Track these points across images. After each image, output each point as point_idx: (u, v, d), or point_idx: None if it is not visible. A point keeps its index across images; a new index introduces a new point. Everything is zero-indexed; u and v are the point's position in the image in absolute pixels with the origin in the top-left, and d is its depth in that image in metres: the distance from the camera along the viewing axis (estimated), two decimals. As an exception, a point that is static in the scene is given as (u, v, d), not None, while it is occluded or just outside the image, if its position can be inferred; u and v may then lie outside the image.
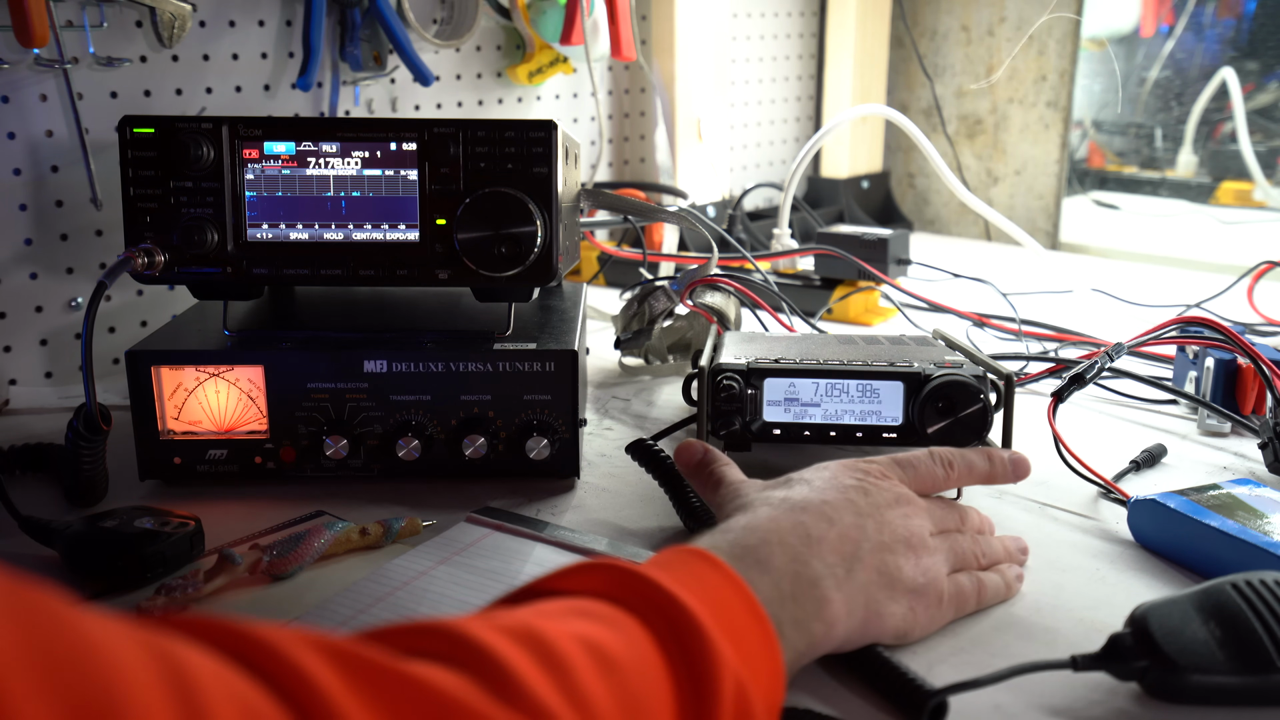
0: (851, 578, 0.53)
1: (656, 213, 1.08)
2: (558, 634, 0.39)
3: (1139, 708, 0.51)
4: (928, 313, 1.23)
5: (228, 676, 0.29)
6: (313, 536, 0.67)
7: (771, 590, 0.50)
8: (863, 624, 0.53)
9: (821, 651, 0.52)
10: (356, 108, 1.20)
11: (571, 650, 0.39)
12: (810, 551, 0.53)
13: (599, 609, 0.43)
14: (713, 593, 0.46)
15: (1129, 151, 1.71)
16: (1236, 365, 0.88)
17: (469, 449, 0.76)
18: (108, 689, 0.25)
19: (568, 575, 0.46)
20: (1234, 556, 0.61)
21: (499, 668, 0.36)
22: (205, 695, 0.27)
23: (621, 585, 0.44)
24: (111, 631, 0.27)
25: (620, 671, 0.39)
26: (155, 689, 0.26)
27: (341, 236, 0.76)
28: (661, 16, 1.51)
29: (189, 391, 0.76)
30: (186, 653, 0.28)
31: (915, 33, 1.79)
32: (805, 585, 0.51)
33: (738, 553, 0.51)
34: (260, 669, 0.31)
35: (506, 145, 0.74)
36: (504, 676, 0.35)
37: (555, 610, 0.43)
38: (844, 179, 1.74)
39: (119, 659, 0.26)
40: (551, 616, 0.42)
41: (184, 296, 0.90)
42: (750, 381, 0.75)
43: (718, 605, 0.45)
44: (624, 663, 0.40)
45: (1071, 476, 0.78)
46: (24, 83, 0.96)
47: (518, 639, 0.38)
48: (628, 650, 0.41)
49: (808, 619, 0.50)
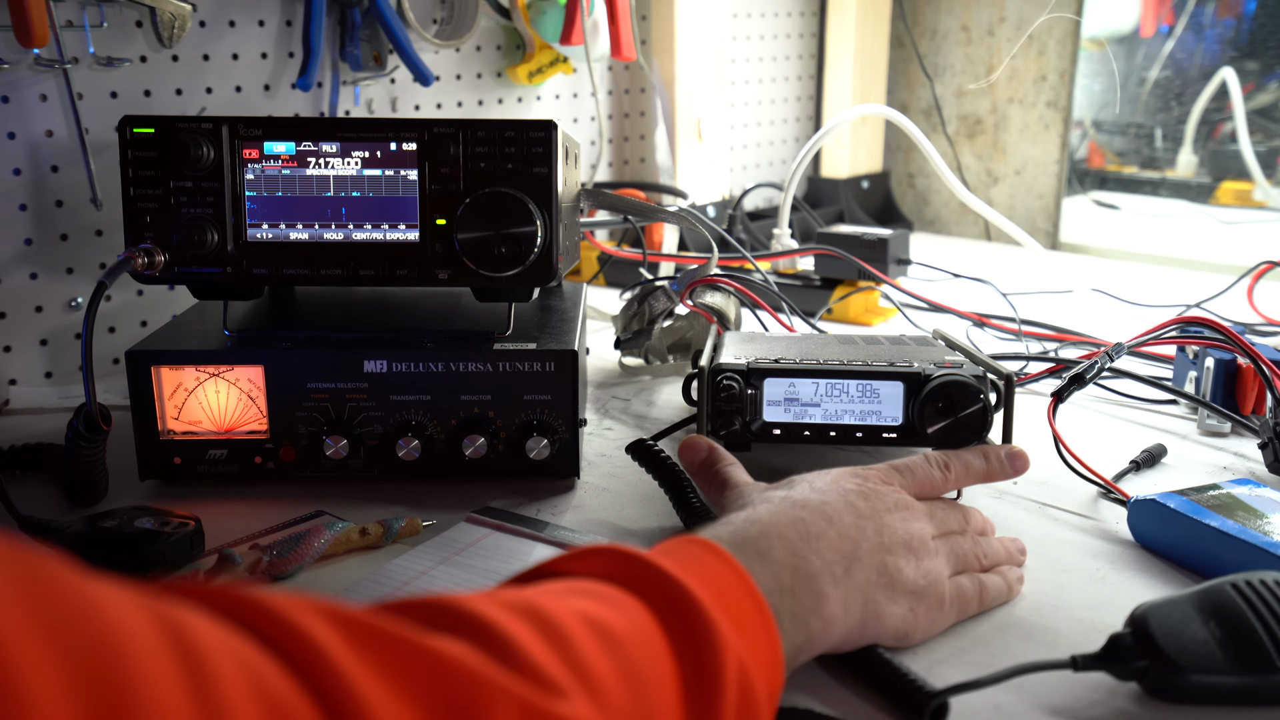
0: (850, 577, 0.53)
1: (656, 213, 1.08)
2: (560, 610, 0.39)
3: (1139, 708, 0.51)
4: (928, 313, 1.23)
5: (233, 642, 0.29)
6: (313, 536, 0.67)
7: (771, 581, 0.50)
8: (861, 624, 0.53)
9: (819, 649, 0.52)
10: (356, 108, 1.20)
11: (573, 624, 0.39)
12: (809, 548, 0.53)
13: (601, 589, 0.43)
14: (714, 577, 0.46)
15: (1129, 151, 1.71)
16: (1236, 365, 0.88)
17: (469, 449, 0.76)
18: (113, 650, 0.25)
19: (571, 559, 0.46)
20: (1234, 556, 0.61)
21: (502, 638, 0.36)
22: (211, 660, 0.27)
23: (623, 568, 0.45)
24: (117, 596, 0.27)
25: (623, 647, 0.40)
26: (161, 652, 0.26)
27: (341, 236, 0.76)
28: (661, 16, 1.51)
29: (189, 391, 0.76)
30: (192, 618, 0.28)
31: (915, 33, 1.79)
32: (804, 580, 0.51)
33: (738, 542, 0.51)
34: (266, 635, 0.31)
35: (506, 145, 0.74)
36: (507, 646, 0.36)
37: (558, 589, 0.43)
38: (844, 179, 1.74)
39: (125, 623, 0.26)
40: (554, 595, 0.42)
41: (184, 296, 0.90)
42: (750, 381, 0.75)
43: (719, 589, 0.46)
44: (626, 639, 0.40)
45: (1071, 476, 0.78)
46: (24, 83, 0.96)
47: (520, 613, 0.38)
48: (630, 628, 0.41)
49: (805, 614, 0.50)
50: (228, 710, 0.27)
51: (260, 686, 0.28)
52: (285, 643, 0.30)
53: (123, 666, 0.25)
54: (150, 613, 0.27)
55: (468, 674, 0.33)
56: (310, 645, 0.31)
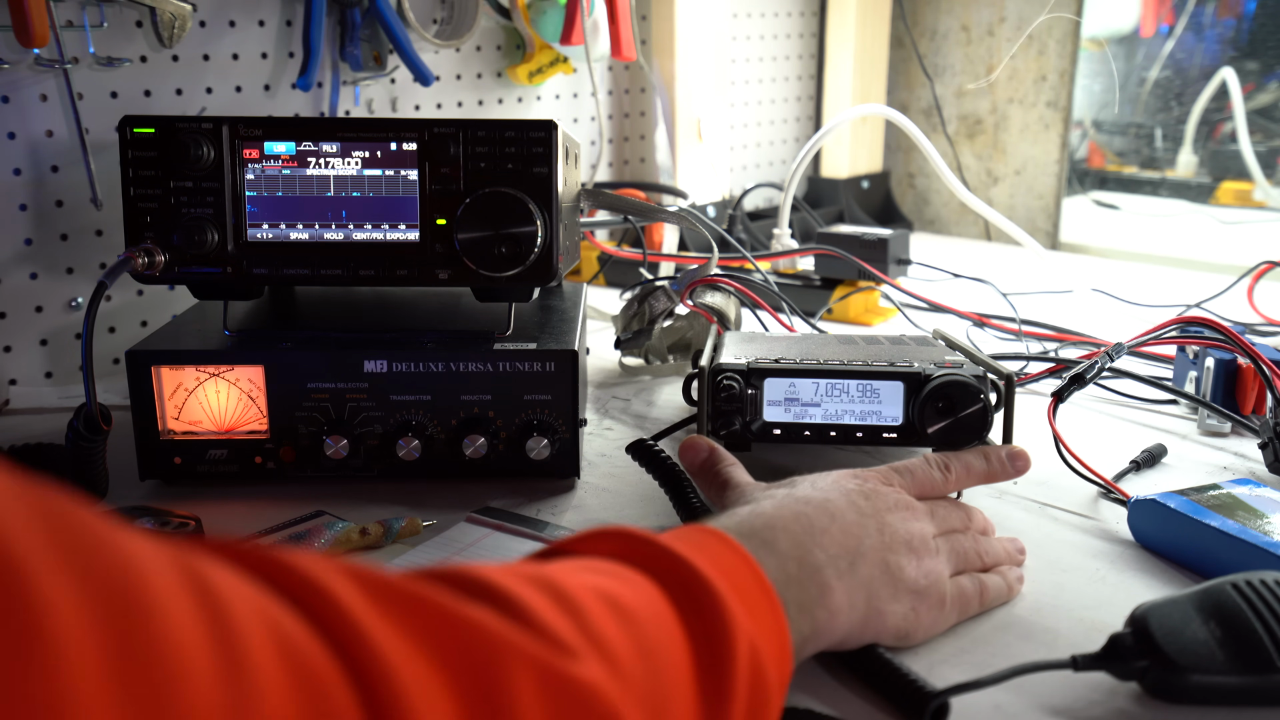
0: (854, 571, 0.53)
1: (656, 213, 1.08)
2: (573, 583, 0.40)
3: (1139, 708, 0.51)
4: (928, 313, 1.23)
5: (253, 594, 0.29)
6: (313, 536, 0.67)
7: (777, 570, 0.49)
8: (864, 620, 0.53)
9: (824, 642, 0.52)
10: (356, 108, 1.20)
11: (586, 596, 0.39)
12: (813, 541, 0.53)
13: (613, 567, 0.43)
14: (723, 561, 0.46)
15: (1129, 151, 1.71)
16: (1236, 365, 0.88)
17: (469, 449, 0.76)
18: (132, 578, 0.25)
19: (581, 539, 0.46)
20: (1234, 556, 0.61)
21: (518, 603, 0.36)
22: (229, 602, 0.27)
23: (634, 549, 0.45)
24: (137, 536, 0.26)
25: (635, 620, 0.40)
26: (179, 587, 0.26)
27: (341, 236, 0.76)
28: (661, 16, 1.51)
29: (189, 391, 0.76)
30: (212, 566, 0.28)
31: (915, 33, 1.79)
32: (809, 571, 0.51)
33: (744, 532, 0.51)
34: (285, 588, 0.30)
35: (506, 145, 0.74)
36: (524, 611, 0.36)
37: (571, 566, 0.43)
38: (844, 179, 1.74)
39: (144, 557, 0.26)
40: (567, 570, 0.42)
41: (184, 296, 0.90)
42: (750, 381, 0.75)
43: (729, 573, 0.45)
44: (638, 613, 0.40)
45: (1071, 476, 0.78)
46: (24, 83, 0.96)
47: (534, 583, 0.38)
48: (641, 603, 0.41)
49: (811, 604, 0.50)
50: (244, 647, 0.27)
51: (277, 632, 0.28)
52: (305, 597, 0.30)
53: (141, 594, 0.25)
54: (169, 553, 0.27)
55: (486, 634, 0.34)
56: (330, 600, 0.31)
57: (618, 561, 0.44)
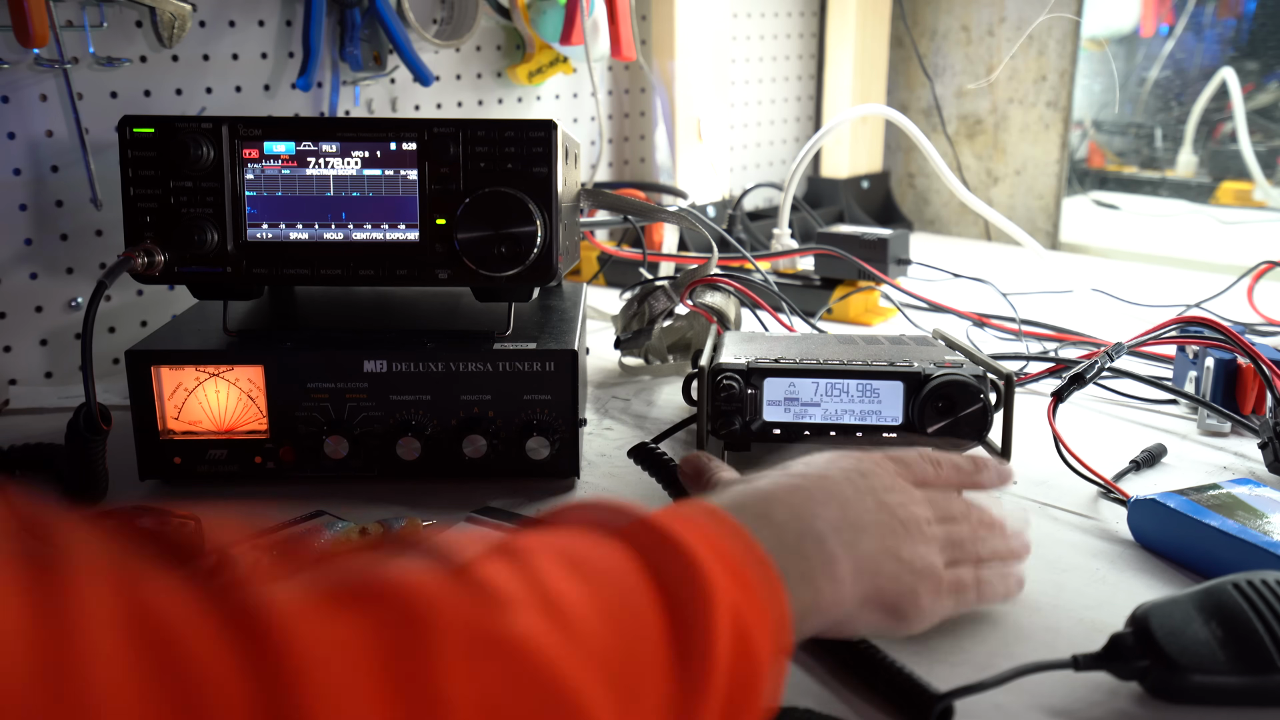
0: (858, 543, 0.51)
1: (656, 213, 1.08)
2: (529, 541, 0.40)
3: (1140, 708, 0.51)
4: (928, 313, 1.23)
5: (113, 562, 0.29)
6: (312, 536, 0.67)
7: (773, 540, 0.48)
8: (864, 597, 0.51)
9: (828, 616, 0.50)
10: (356, 108, 1.20)
11: (541, 555, 0.39)
12: (811, 512, 0.51)
13: (584, 532, 0.43)
14: (707, 531, 0.45)
15: (1129, 151, 1.71)
16: (1236, 365, 0.88)
17: (469, 449, 0.76)
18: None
19: (559, 512, 0.46)
20: (1234, 556, 0.61)
21: (453, 558, 0.36)
22: (74, 578, 0.27)
23: (611, 519, 0.44)
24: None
25: (596, 580, 0.39)
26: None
27: (341, 236, 0.76)
28: (661, 16, 1.51)
29: (189, 391, 0.76)
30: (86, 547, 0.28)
31: (915, 33, 1.79)
32: (812, 541, 0.50)
33: (736, 505, 0.50)
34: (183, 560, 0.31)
35: (506, 145, 0.74)
36: (458, 566, 0.36)
37: (538, 532, 0.43)
38: (844, 179, 1.74)
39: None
40: (531, 535, 0.42)
41: (184, 296, 0.90)
42: (750, 381, 0.75)
43: (711, 541, 0.44)
44: (603, 573, 0.40)
45: (1071, 476, 0.78)
46: (24, 83, 0.96)
47: (486, 544, 0.38)
48: (609, 564, 0.40)
49: (814, 573, 0.49)
50: (74, 622, 0.26)
51: (135, 603, 0.28)
52: (205, 564, 0.31)
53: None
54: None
55: (407, 588, 0.33)
56: (232, 564, 0.31)
57: (589, 529, 0.43)
